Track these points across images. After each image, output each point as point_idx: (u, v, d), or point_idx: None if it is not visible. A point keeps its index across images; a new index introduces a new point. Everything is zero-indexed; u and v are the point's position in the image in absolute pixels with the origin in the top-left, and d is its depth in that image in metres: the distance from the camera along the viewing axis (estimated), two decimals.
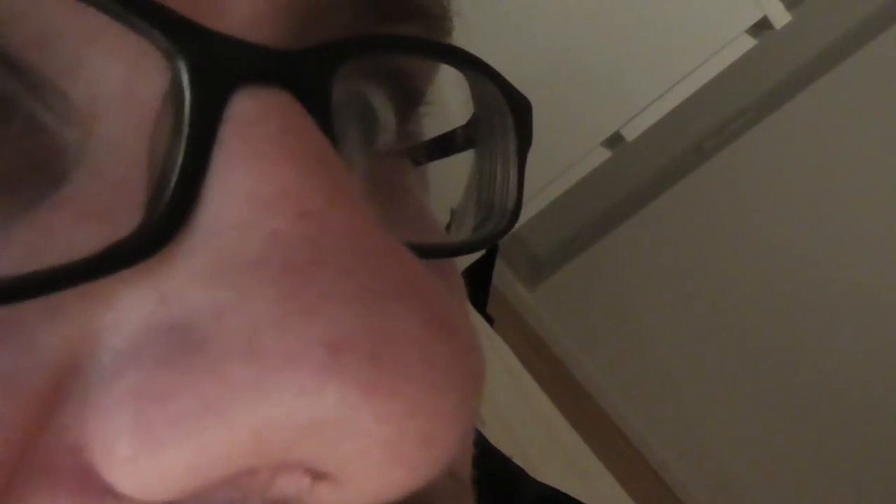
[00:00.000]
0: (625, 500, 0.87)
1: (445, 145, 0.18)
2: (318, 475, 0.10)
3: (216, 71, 0.11)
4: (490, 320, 1.40)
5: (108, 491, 0.10)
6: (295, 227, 0.10)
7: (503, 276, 2.09)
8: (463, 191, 0.18)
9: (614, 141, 1.34)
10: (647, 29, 1.25)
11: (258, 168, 0.10)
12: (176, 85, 0.11)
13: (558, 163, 1.34)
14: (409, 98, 0.16)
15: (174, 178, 0.10)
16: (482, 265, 1.58)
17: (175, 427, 0.09)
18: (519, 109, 0.17)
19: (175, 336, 0.10)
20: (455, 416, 0.10)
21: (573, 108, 1.30)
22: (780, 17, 1.23)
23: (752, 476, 1.98)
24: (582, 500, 0.36)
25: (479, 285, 1.62)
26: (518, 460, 0.39)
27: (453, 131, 0.18)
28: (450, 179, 0.19)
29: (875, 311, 1.80)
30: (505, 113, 0.17)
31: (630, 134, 1.31)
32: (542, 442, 0.84)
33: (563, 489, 0.37)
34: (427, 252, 0.14)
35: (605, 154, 1.34)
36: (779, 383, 1.92)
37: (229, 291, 0.10)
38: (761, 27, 1.25)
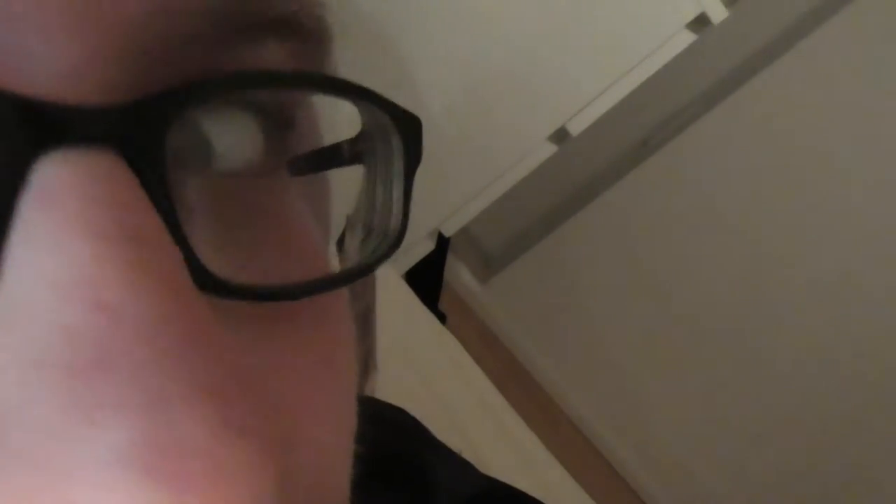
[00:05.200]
0: (576, 491, 0.88)
1: (331, 157, 0.17)
2: None
3: (11, 136, 0.10)
4: (442, 317, 1.40)
5: None
6: (87, 321, 0.09)
7: (454, 272, 2.09)
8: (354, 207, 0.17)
9: (560, 136, 1.35)
10: (589, 24, 1.26)
11: (55, 248, 0.10)
12: None
13: (505, 158, 1.35)
14: (277, 125, 0.15)
15: None
16: (434, 261, 1.58)
17: None
18: (406, 130, 0.15)
19: None
20: None
21: (518, 102, 1.30)
22: (718, 13, 1.25)
23: (705, 465, 2.02)
24: (530, 494, 0.36)
25: (430, 281, 1.62)
26: (467, 455, 0.39)
27: (340, 144, 0.17)
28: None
29: (826, 300, 1.85)
30: (391, 133, 0.15)
31: (575, 128, 1.33)
32: (492, 436, 0.85)
33: (514, 482, 0.37)
34: (285, 292, 0.13)
35: (552, 149, 1.36)
36: (731, 374, 1.96)
37: (14, 392, 0.09)
38: (701, 23, 1.27)
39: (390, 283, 0.92)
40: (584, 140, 1.38)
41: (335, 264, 0.16)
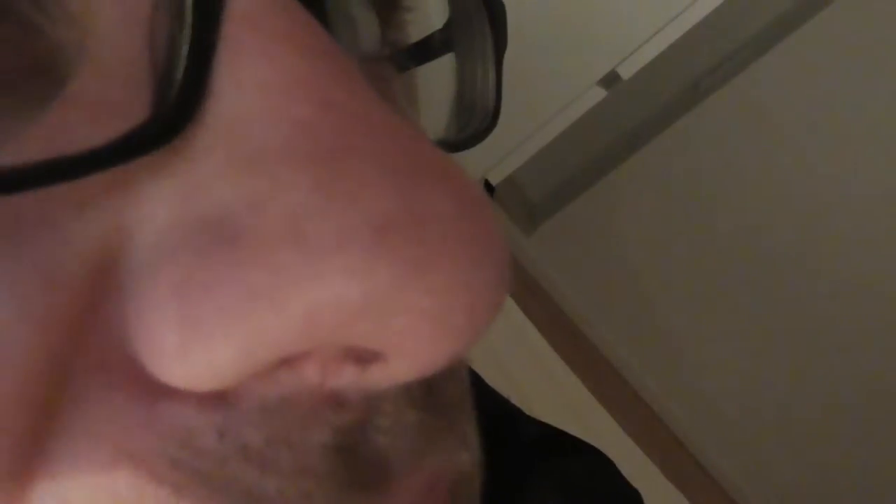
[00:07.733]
0: (621, 438, 0.89)
1: (424, 50, 0.18)
2: (366, 360, 0.11)
3: None
4: None
5: (160, 388, 0.10)
6: (319, 116, 0.10)
7: (499, 222, 2.08)
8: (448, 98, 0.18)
9: (610, 80, 1.32)
10: None
11: (269, 60, 0.10)
12: None
13: (553, 104, 1.32)
14: (389, 3, 0.16)
15: (180, 73, 0.10)
16: None
17: (223, 315, 0.10)
18: (494, 8, 0.17)
19: (210, 229, 0.10)
20: (494, 288, 0.11)
21: (567, 46, 1.27)
22: None
23: (745, 411, 2.02)
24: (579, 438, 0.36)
25: None
26: (515, 402, 0.39)
27: (431, 35, 0.18)
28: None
29: (870, 244, 1.80)
30: (480, 12, 0.17)
31: (626, 72, 1.29)
32: (539, 384, 0.85)
33: (561, 428, 0.37)
34: None
35: (601, 94, 1.32)
36: (775, 321, 1.93)
37: (261, 181, 0.10)
38: None
39: None
40: (635, 84, 1.35)
41: None
